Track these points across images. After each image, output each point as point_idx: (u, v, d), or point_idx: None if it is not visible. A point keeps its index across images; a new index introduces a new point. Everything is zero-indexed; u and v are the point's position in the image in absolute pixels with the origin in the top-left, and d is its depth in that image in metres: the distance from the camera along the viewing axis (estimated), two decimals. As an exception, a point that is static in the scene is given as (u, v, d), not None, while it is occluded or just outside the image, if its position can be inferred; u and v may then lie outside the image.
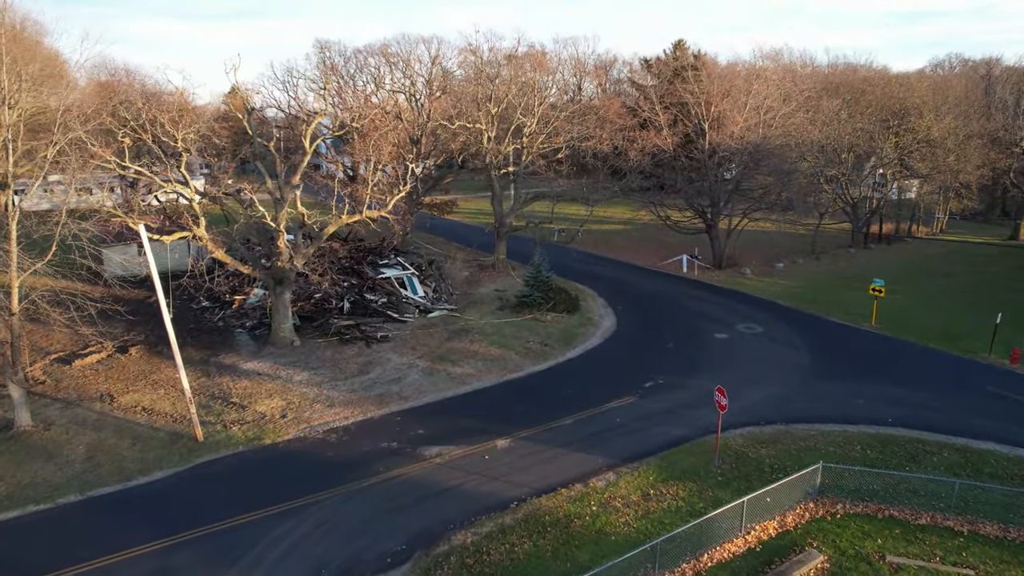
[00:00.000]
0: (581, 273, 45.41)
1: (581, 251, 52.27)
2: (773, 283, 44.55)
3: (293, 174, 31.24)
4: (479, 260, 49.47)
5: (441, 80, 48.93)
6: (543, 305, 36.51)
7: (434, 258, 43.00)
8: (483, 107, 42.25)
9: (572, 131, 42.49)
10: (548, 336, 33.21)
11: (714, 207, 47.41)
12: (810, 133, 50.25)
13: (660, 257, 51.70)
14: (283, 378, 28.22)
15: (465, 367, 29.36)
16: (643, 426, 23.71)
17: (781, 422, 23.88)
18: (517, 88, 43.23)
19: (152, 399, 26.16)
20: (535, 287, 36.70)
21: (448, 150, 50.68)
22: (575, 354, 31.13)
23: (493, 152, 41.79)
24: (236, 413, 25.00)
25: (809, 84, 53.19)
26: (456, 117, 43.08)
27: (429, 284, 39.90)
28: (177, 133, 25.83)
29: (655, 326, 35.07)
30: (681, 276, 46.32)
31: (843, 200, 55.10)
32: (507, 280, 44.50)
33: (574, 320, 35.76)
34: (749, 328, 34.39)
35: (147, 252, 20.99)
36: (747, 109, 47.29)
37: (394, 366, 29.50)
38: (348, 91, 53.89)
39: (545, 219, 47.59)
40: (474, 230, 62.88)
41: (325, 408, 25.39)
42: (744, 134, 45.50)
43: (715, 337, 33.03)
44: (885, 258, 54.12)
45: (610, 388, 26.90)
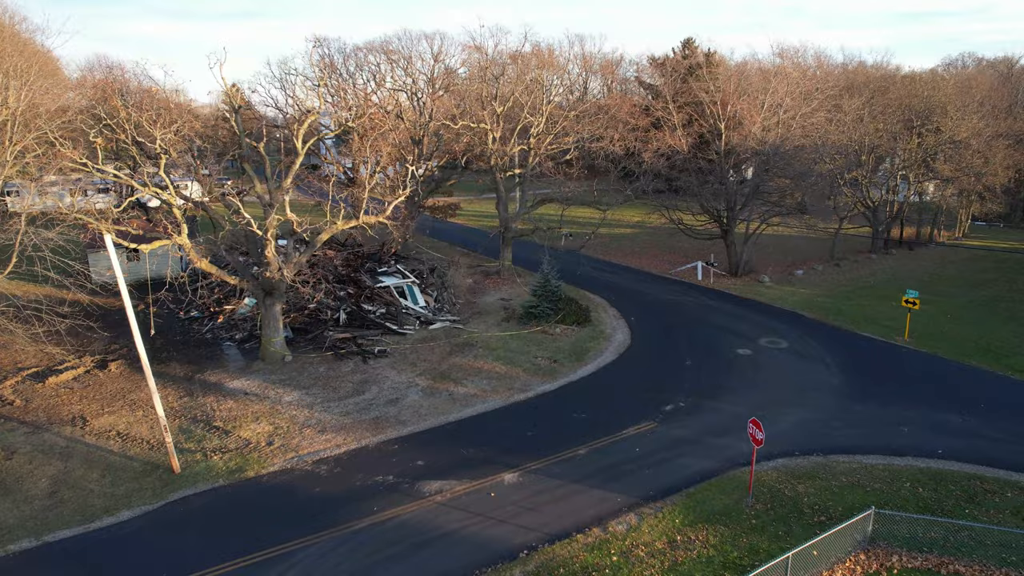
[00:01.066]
0: (591, 280, 43.21)
1: (590, 257, 50.06)
2: (793, 292, 42.22)
3: (285, 177, 29.09)
4: (483, 266, 47.29)
5: (444, 78, 46.75)
6: (552, 317, 34.29)
7: (436, 265, 40.82)
8: (488, 106, 40.06)
9: (582, 131, 40.27)
10: (557, 351, 30.98)
11: (730, 211, 45.09)
12: (830, 133, 47.93)
13: (673, 263, 49.41)
14: (272, 399, 26.06)
15: (469, 386, 27.15)
16: (665, 457, 21.45)
17: (818, 453, 21.58)
18: (523, 86, 41.03)
19: (128, 422, 24.01)
20: (543, 297, 34.47)
21: (451, 151, 48.52)
22: (587, 372, 28.88)
23: (498, 153, 39.60)
24: (218, 440, 22.84)
25: (832, 82, 50.80)
26: (459, 116, 40.89)
27: (431, 293, 37.72)
28: (156, 133, 23.69)
29: (672, 340, 32.79)
30: (696, 284, 44.01)
31: (863, 204, 52.69)
32: (513, 288, 42.30)
33: (585, 333, 33.51)
34: (773, 343, 32.07)
35: (113, 263, 18.84)
36: (764, 108, 44.99)
37: (392, 385, 27.31)
38: (348, 89, 51.81)
39: (554, 223, 45.47)
40: (478, 234, 60.68)
41: (316, 434, 23.20)
42: (762, 134, 43.18)
43: (737, 353, 30.73)
44: (908, 265, 51.69)
45: (627, 412, 24.65)
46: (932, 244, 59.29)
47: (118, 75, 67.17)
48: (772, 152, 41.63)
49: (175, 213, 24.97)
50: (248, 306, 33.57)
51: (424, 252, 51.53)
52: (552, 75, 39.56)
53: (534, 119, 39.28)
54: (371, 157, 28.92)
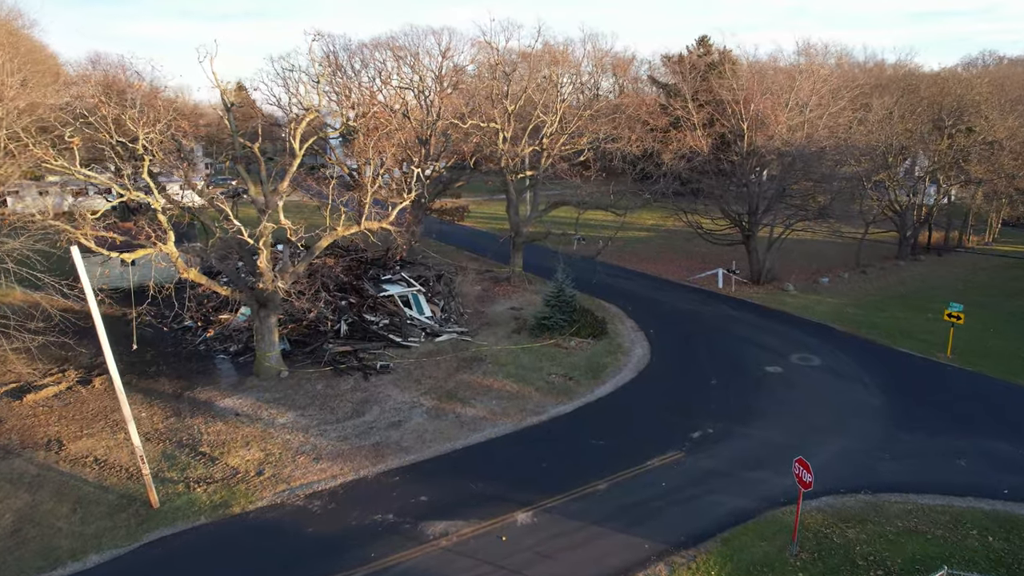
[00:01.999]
0: (605, 288, 41.03)
1: (603, 262, 47.81)
2: (820, 301, 39.90)
3: (281, 180, 27.14)
4: (492, 272, 45.23)
5: (452, 75, 44.71)
6: (566, 329, 32.17)
7: (443, 272, 38.79)
8: (498, 104, 37.97)
9: (598, 131, 38.12)
10: (572, 368, 28.87)
11: (752, 215, 42.81)
12: (857, 134, 45.55)
13: (691, 269, 47.16)
14: (264, 420, 24.09)
15: (477, 407, 25.09)
16: (695, 494, 19.30)
17: (867, 490, 19.37)
18: (535, 84, 38.91)
19: (108, 447, 22.10)
20: (557, 308, 32.36)
21: (459, 151, 46.49)
22: (605, 391, 26.75)
23: (509, 154, 37.52)
24: (204, 468, 20.88)
25: (862, 80, 48.40)
26: (469, 115, 38.83)
27: (437, 302, 35.68)
28: (139, 132, 21.77)
29: (695, 355, 30.61)
30: (717, 292, 41.77)
31: (891, 208, 50.25)
32: (524, 296, 40.21)
33: (601, 347, 31.38)
34: (805, 360, 29.81)
35: (81, 274, 16.92)
36: (788, 107, 42.68)
37: (394, 405, 25.29)
38: (353, 87, 49.89)
39: (568, 227, 43.33)
40: (487, 237, 58.63)
41: (310, 462, 21.20)
42: (788, 135, 40.86)
43: (767, 371, 28.51)
44: (938, 272, 49.22)
45: (650, 439, 22.52)
46: (960, 250, 56.73)
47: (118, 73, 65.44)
48: (798, 153, 39.31)
49: (160, 219, 23.02)
50: (245, 315, 31.66)
51: (431, 257, 49.54)
52: (565, 72, 37.45)
53: (547, 118, 37.15)
54: (374, 159, 26.90)
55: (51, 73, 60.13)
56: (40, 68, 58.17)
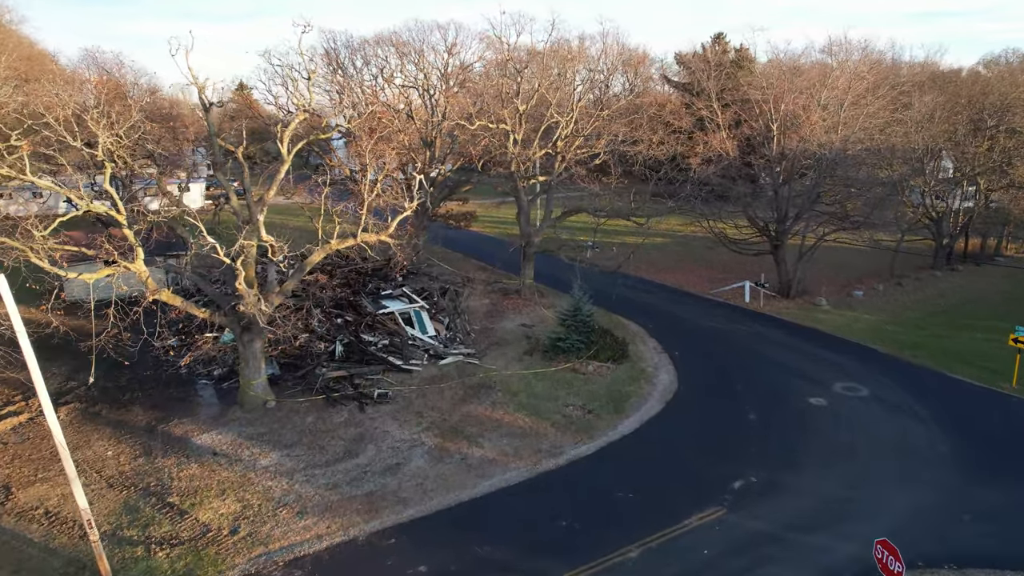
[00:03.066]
0: (622, 301, 37.94)
1: (619, 272, 44.71)
2: (856, 318, 36.80)
3: (267, 188, 24.31)
4: (501, 283, 42.30)
5: (459, 73, 41.80)
6: (583, 351, 29.20)
7: (448, 286, 35.90)
8: (508, 104, 35.03)
9: (617, 133, 35.11)
10: (592, 397, 25.92)
11: (781, 223, 39.71)
12: (894, 135, 42.35)
13: (712, 280, 44.08)
14: (245, 461, 21.27)
15: (485, 446, 22.18)
16: (744, 566, 16.32)
17: (949, 564, 16.33)
18: (549, 81, 35.95)
19: (62, 495, 19.30)
20: (573, 328, 29.40)
21: (466, 153, 43.61)
22: (629, 427, 23.79)
23: (520, 158, 34.58)
24: (170, 524, 18.07)
25: (903, 77, 45.22)
26: (476, 116, 35.92)
27: (442, 319, 32.79)
28: (100, 134, 18.97)
29: (727, 383, 27.61)
30: (744, 307, 38.71)
31: (926, 214, 47.01)
32: (535, 310, 37.28)
33: (623, 372, 28.41)
34: (850, 389, 26.74)
35: (7, 302, 14.12)
36: (822, 106, 39.54)
37: (392, 444, 22.42)
38: (355, 86, 47.09)
39: (585, 232, 40.25)
40: (495, 243, 55.62)
41: (293, 518, 18.35)
42: (824, 136, 37.69)
43: (809, 403, 25.46)
44: (977, 283, 45.98)
45: (685, 489, 19.56)
46: (999, 258, 53.36)
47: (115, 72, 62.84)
48: (832, 156, 36.20)
49: (127, 234, 20.21)
50: (226, 340, 28.81)
51: (436, 265, 46.68)
52: (582, 68, 34.52)
53: (561, 118, 34.18)
54: (371, 164, 24.07)
55: (43, 70, 57.65)
56: (32, 66, 55.77)
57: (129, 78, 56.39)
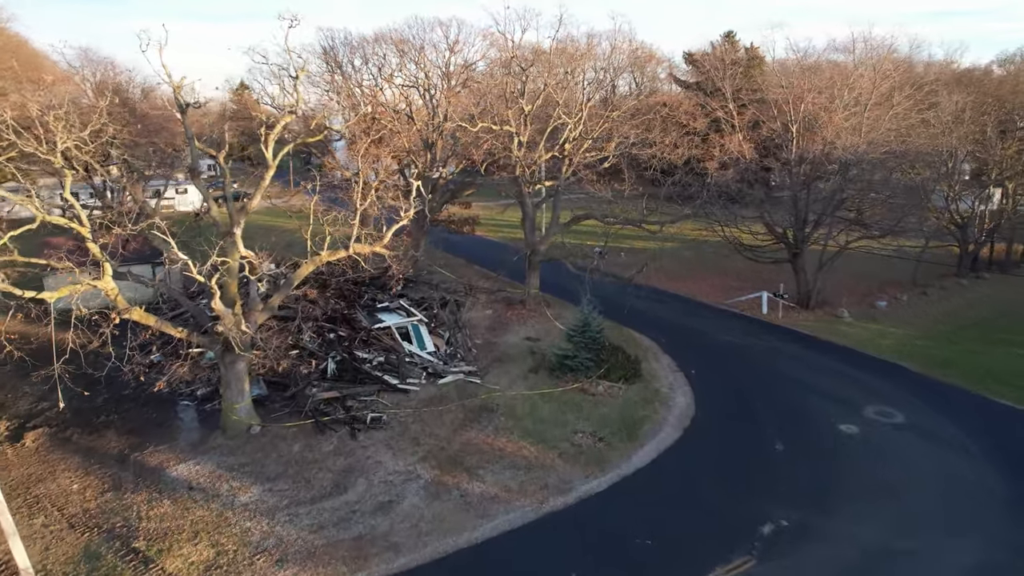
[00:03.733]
0: (633, 312, 35.81)
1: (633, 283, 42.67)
2: (882, 331, 34.68)
3: (250, 197, 22.41)
4: (505, 291, 40.33)
5: (461, 71, 39.84)
6: (592, 370, 27.20)
7: (449, 297, 33.95)
8: (513, 104, 33.03)
9: (627, 135, 33.07)
10: (602, 422, 23.92)
11: (800, 230, 37.60)
12: (920, 136, 40.16)
13: (727, 290, 42.00)
14: (223, 498, 19.36)
15: (487, 480, 20.22)
16: (781, 633, 14.33)
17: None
18: (555, 81, 33.92)
19: (5, 551, 17.42)
20: (582, 346, 27.39)
21: (468, 156, 41.67)
22: (644, 458, 21.77)
23: (525, 162, 32.58)
24: (131, 575, 16.18)
25: (937, 75, 43.05)
26: (479, 117, 33.93)
27: (442, 334, 30.84)
28: (59, 138, 17.09)
29: (748, 406, 25.58)
30: (761, 320, 36.64)
31: (952, 219, 44.82)
32: (541, 322, 35.29)
33: (635, 393, 26.40)
34: (884, 414, 24.65)
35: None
36: (844, 106, 37.41)
37: (385, 477, 20.48)
38: (353, 86, 45.19)
39: (590, 237, 38.21)
40: (499, 248, 53.69)
41: (271, 568, 16.43)
42: (849, 138, 35.54)
43: (840, 431, 23.39)
44: (1006, 293, 43.71)
45: (709, 536, 17.55)
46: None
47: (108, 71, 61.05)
48: (857, 159, 34.08)
49: (92, 249, 18.32)
50: (209, 358, 26.91)
51: (436, 273, 44.76)
52: (591, 67, 32.47)
53: (569, 119, 32.13)
54: (364, 169, 22.15)
55: (34, 68, 55.95)
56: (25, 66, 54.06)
57: (122, 79, 54.74)
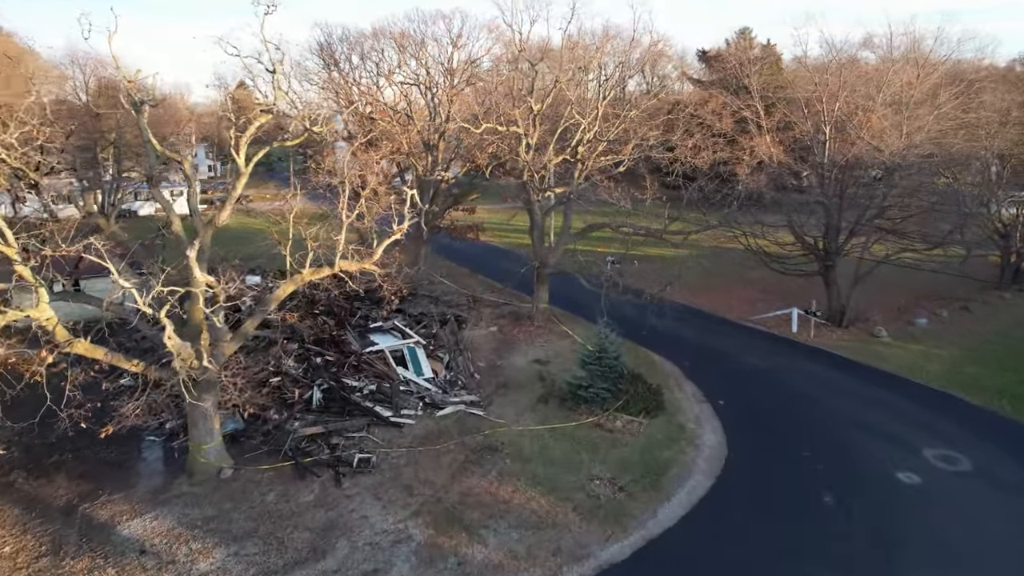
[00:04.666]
0: (649, 329, 32.61)
1: (638, 288, 39.49)
2: (926, 353, 31.49)
3: (222, 206, 19.51)
4: (511, 305, 37.36)
5: (465, 68, 36.90)
6: (609, 402, 24.18)
7: (449, 315, 30.99)
8: (521, 103, 30.04)
9: (648, 137, 30.03)
10: (623, 466, 20.91)
11: (834, 240, 34.47)
12: (959, 138, 36.96)
13: (751, 303, 38.89)
14: (179, 564, 16.46)
15: (489, 543, 17.25)
16: None
17: None
18: (568, 76, 30.88)
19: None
20: (598, 375, 24.36)
21: (471, 158, 38.73)
22: (672, 514, 18.72)
23: (534, 166, 29.57)
24: (59, 675, 13.29)
25: (982, 74, 39.83)
26: (483, 117, 30.96)
27: (441, 357, 27.87)
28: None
29: (788, 446, 22.50)
30: (791, 339, 33.51)
31: (996, 228, 41.58)
32: (550, 341, 32.33)
33: (659, 429, 23.37)
34: (947, 459, 21.49)
35: None
36: (881, 105, 34.25)
37: (371, 538, 17.52)
38: (351, 84, 42.35)
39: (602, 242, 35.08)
40: (505, 256, 50.73)
41: (226, 666, 13.52)
42: (894, 141, 32.39)
43: (898, 480, 20.27)
44: (1054, 307, 40.36)
45: (758, 624, 14.53)
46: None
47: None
48: (905, 164, 30.95)
49: (23, 273, 15.43)
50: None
51: (438, 283, 41.85)
52: (609, 61, 29.39)
53: (583, 119, 29.09)
54: (349, 177, 19.24)
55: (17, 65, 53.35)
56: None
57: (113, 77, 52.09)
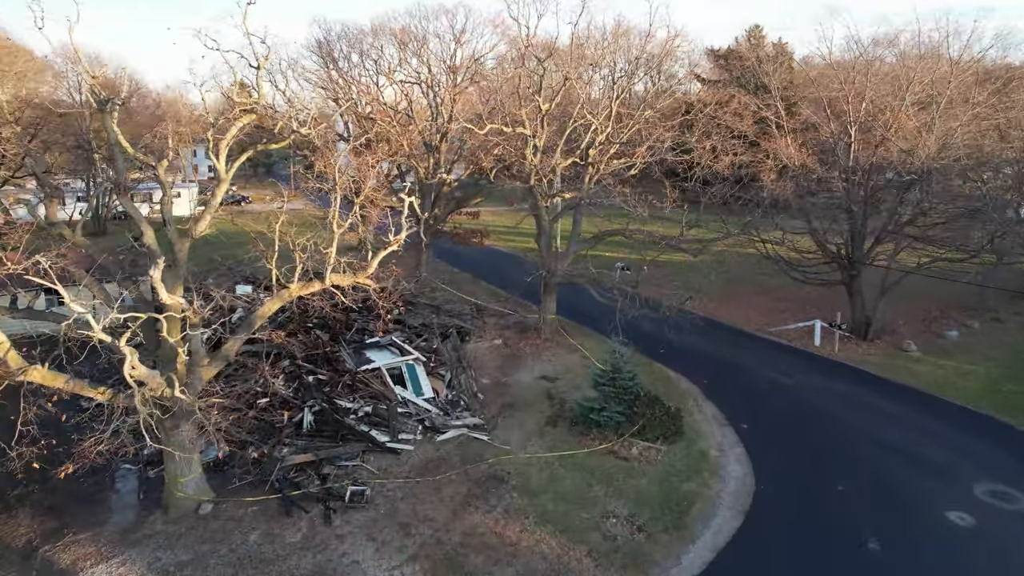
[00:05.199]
0: (661, 342, 30.72)
1: (649, 296, 37.46)
2: (959, 370, 29.50)
3: (196, 220, 17.67)
4: (517, 315, 35.50)
5: (468, 65, 35.04)
6: (624, 426, 22.28)
7: (451, 328, 29.13)
8: (528, 102, 28.15)
9: (664, 138, 28.10)
10: (640, 500, 19.03)
11: (860, 247, 32.50)
12: (991, 139, 34.89)
13: (768, 313, 37.00)
14: (146, 621, 14.65)
15: (495, 596, 15.38)
16: None
17: None
18: (577, 73, 28.96)
19: None
20: (613, 397, 22.46)
21: (475, 160, 36.89)
22: (698, 561, 16.82)
23: (542, 170, 27.68)
24: None
25: (1018, 73, 37.75)
26: (488, 117, 29.08)
27: (442, 375, 26.01)
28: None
29: (822, 478, 20.54)
30: (814, 353, 31.55)
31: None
32: (558, 356, 30.45)
33: (679, 457, 21.47)
34: (1000, 496, 19.48)
35: None
36: (908, 105, 32.23)
37: (362, 587, 15.69)
38: (350, 82, 40.57)
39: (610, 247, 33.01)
40: (509, 261, 48.95)
41: None
42: (923, 141, 30.37)
43: (947, 520, 18.31)
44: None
45: None
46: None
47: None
48: (942, 167, 28.95)
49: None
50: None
51: (440, 290, 40.03)
52: (621, 57, 27.44)
53: (595, 119, 27.16)
54: (340, 183, 17.42)
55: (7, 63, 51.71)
56: None
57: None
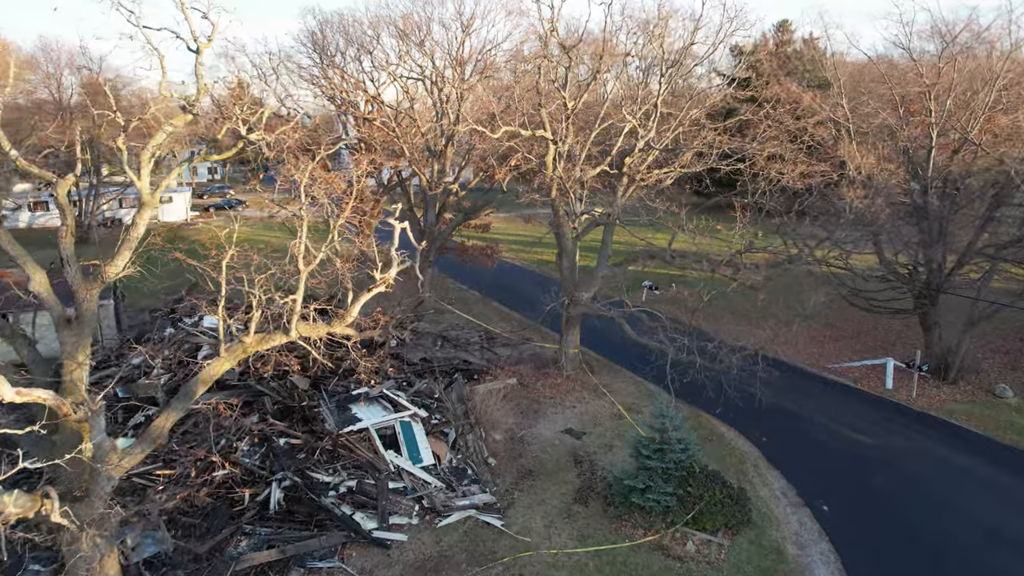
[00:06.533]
0: (718, 391, 25.79)
1: (678, 324, 32.39)
2: (1069, 421, 24.45)
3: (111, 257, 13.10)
4: (533, 344, 30.73)
5: (478, 57, 30.42)
6: (675, 510, 17.48)
7: (457, 370, 24.41)
8: (550, 100, 23.40)
9: (719, 144, 23.22)
10: (708, 633, 14.22)
11: (939, 270, 27.49)
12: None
13: (821, 345, 32.03)
14: None
15: None
16: None
17: None
18: (608, 65, 24.20)
19: None
20: (659, 472, 17.64)
21: (485, 168, 32.27)
22: None
23: (570, 181, 22.88)
24: None
25: None
26: (500, 118, 24.37)
27: (445, 434, 21.27)
28: None
29: (940, 591, 15.67)
30: (888, 398, 26.53)
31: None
32: (583, 400, 25.72)
33: (746, 554, 16.66)
34: None
35: None
36: (990, 105, 27.25)
37: None
38: (346, 78, 36.05)
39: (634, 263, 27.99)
40: (522, 276, 44.27)
41: None
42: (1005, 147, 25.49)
43: None
44: None
45: None
46: None
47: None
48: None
49: None
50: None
51: (445, 311, 35.39)
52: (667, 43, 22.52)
53: (633, 120, 22.27)
54: (304, 207, 12.82)
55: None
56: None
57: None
